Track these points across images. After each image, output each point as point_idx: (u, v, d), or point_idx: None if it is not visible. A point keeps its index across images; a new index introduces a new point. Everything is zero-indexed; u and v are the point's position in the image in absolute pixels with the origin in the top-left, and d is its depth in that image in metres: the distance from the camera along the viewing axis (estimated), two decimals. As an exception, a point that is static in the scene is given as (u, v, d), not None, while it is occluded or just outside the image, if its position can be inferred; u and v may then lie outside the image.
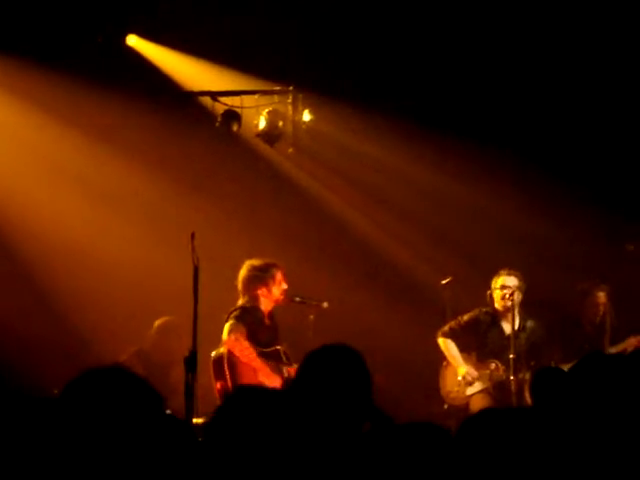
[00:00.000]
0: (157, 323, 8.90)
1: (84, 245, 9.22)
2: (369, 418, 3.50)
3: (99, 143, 9.27)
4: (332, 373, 3.49)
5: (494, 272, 8.47)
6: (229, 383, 7.24)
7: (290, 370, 7.37)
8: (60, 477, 2.49)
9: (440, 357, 8.48)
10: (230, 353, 7.31)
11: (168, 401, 7.70)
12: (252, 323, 7.45)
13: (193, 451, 2.93)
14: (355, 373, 3.52)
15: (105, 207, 9.35)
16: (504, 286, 8.28)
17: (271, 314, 7.69)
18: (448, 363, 8.47)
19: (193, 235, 6.49)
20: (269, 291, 7.59)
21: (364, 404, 3.48)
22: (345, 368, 3.52)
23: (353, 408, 3.42)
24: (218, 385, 7.32)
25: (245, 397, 2.88)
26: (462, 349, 8.44)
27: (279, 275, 7.62)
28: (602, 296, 8.81)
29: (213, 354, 7.40)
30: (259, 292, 7.57)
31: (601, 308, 8.81)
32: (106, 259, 9.24)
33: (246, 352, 7.31)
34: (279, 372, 7.45)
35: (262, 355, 7.42)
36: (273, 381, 7.33)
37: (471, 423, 2.85)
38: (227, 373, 7.28)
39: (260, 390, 2.95)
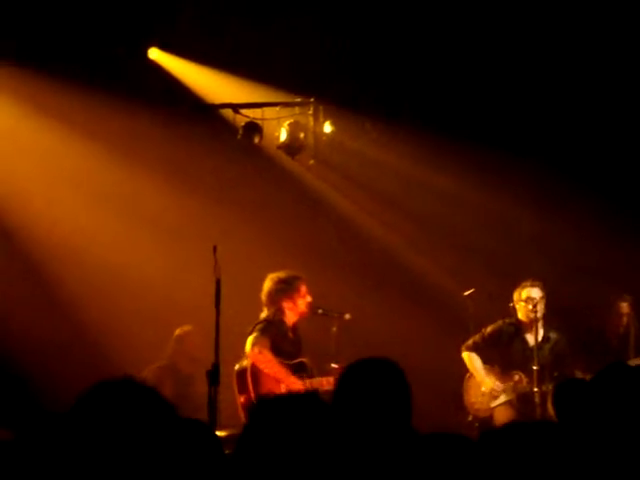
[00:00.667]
0: (176, 332, 8.98)
1: (110, 259, 9.25)
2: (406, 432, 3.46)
3: (122, 157, 9.30)
4: (373, 387, 3.47)
5: (518, 282, 8.43)
6: (252, 396, 7.23)
7: (313, 382, 7.35)
8: None
9: (464, 368, 8.45)
10: (254, 366, 7.31)
11: (195, 413, 7.76)
12: (276, 335, 7.44)
13: (215, 453, 2.92)
14: (396, 387, 3.49)
15: (129, 220, 9.38)
16: (529, 298, 8.22)
17: (295, 327, 7.69)
18: (472, 375, 8.44)
19: (215, 248, 6.49)
20: (294, 304, 7.60)
21: (404, 419, 3.45)
22: (386, 382, 3.49)
23: (393, 423, 3.39)
24: (242, 399, 7.31)
25: (274, 408, 2.86)
26: (485, 361, 8.41)
27: (304, 288, 7.63)
28: (625, 307, 8.76)
29: (236, 367, 7.40)
30: (284, 304, 7.58)
31: (625, 319, 8.77)
32: (130, 272, 9.27)
33: (270, 364, 7.30)
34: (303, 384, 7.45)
35: (286, 367, 7.41)
36: (299, 390, 7.32)
37: (492, 436, 2.84)
38: (250, 386, 7.27)
39: (288, 399, 2.93)
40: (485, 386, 8.31)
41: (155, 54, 9.33)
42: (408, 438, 3.33)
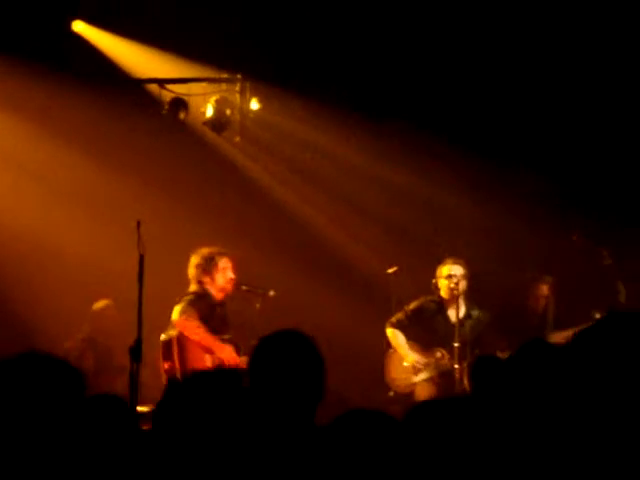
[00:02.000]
0: (93, 307, 8.98)
1: (29, 233, 9.14)
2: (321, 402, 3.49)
3: (44, 130, 9.18)
4: (285, 358, 3.49)
5: (440, 261, 8.53)
6: (177, 364, 7.24)
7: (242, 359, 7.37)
8: None
9: (386, 344, 8.53)
10: (180, 335, 7.31)
11: (113, 385, 7.74)
12: (204, 309, 7.44)
13: (135, 433, 2.92)
14: (308, 358, 3.52)
15: (51, 195, 9.27)
16: (450, 275, 8.34)
17: (222, 303, 7.69)
18: (394, 350, 8.52)
19: (139, 223, 6.46)
20: (212, 279, 7.60)
21: (318, 389, 3.47)
22: (298, 353, 3.51)
23: (306, 393, 3.42)
24: (166, 365, 7.31)
25: (188, 384, 2.87)
26: (409, 337, 8.50)
27: (223, 263, 7.62)
28: (545, 288, 8.93)
29: (162, 337, 7.39)
30: (204, 280, 7.58)
31: (542, 300, 8.94)
32: (51, 247, 9.18)
33: (197, 330, 7.31)
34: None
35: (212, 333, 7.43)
36: (228, 353, 7.34)
37: (413, 413, 2.88)
38: (176, 355, 7.27)
39: (208, 374, 2.94)
40: (408, 361, 8.40)
41: (80, 27, 9.20)
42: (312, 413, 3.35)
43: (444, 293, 8.43)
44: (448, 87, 9.24)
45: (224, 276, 7.61)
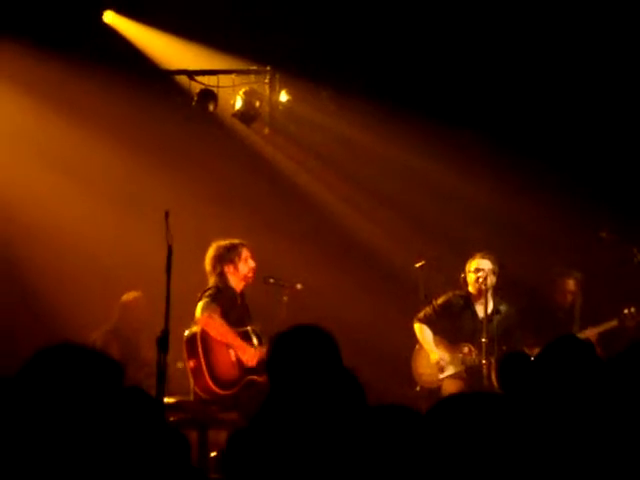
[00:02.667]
0: (123, 299, 8.96)
1: (57, 223, 9.17)
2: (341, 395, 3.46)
3: (75, 121, 9.20)
4: (303, 353, 3.47)
5: (469, 255, 8.48)
6: (202, 361, 7.23)
7: (262, 350, 7.36)
8: (19, 459, 2.46)
9: (413, 339, 8.50)
10: (203, 331, 7.30)
11: (142, 379, 7.75)
12: (226, 303, 7.43)
13: (161, 426, 2.92)
14: (326, 353, 3.50)
15: (80, 185, 9.30)
16: (478, 269, 8.29)
17: (242, 294, 7.68)
18: (421, 346, 8.49)
19: (167, 214, 6.45)
20: (236, 268, 7.58)
21: (335, 384, 3.46)
22: (316, 348, 3.49)
23: (324, 388, 3.40)
24: (191, 364, 7.30)
25: None
26: (436, 332, 8.46)
27: (245, 252, 7.62)
28: (571, 284, 8.86)
29: (186, 333, 7.38)
30: (226, 270, 7.56)
31: (569, 296, 8.87)
32: (80, 238, 9.21)
33: (221, 329, 7.30)
34: (252, 350, 7.47)
35: (235, 333, 7.42)
36: (249, 355, 7.33)
37: (440, 407, 2.86)
38: (200, 351, 7.26)
39: None
40: (433, 358, 8.36)
41: (110, 17, 9.22)
42: (345, 405, 3.33)
43: (472, 288, 8.38)
44: (478, 78, 9.18)
45: (247, 265, 7.60)
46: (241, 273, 7.58)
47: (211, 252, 7.61)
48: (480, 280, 8.20)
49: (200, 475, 2.95)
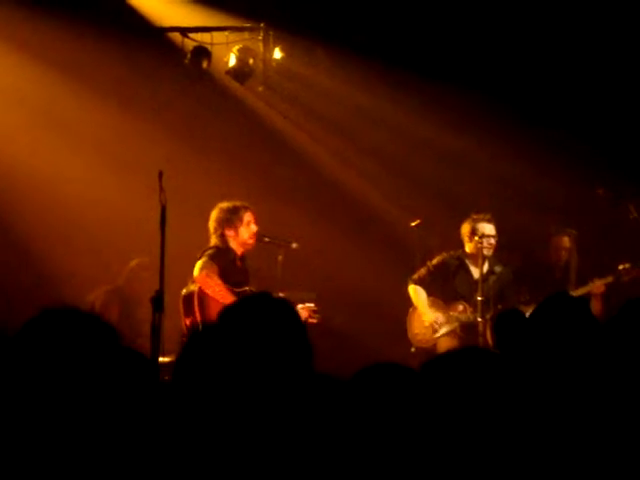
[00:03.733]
0: (133, 262, 8.97)
1: (52, 184, 9.11)
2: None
3: (66, 79, 9.12)
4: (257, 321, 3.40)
5: (464, 214, 8.44)
6: (198, 319, 7.24)
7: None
8: (16, 420, 2.47)
9: (408, 300, 8.49)
10: (200, 290, 7.30)
11: (138, 339, 7.76)
12: (225, 263, 7.42)
13: (154, 386, 2.92)
14: (283, 323, 3.42)
15: (72, 144, 9.23)
16: (485, 235, 8.17)
17: (243, 256, 7.66)
18: (416, 307, 8.48)
19: (161, 174, 6.41)
20: (237, 233, 7.55)
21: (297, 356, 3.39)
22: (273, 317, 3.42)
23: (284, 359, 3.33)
24: (187, 321, 7.31)
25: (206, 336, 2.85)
26: (430, 293, 8.44)
27: (247, 217, 7.57)
28: (566, 241, 8.84)
29: (183, 291, 7.38)
30: (227, 233, 7.53)
31: (564, 253, 8.86)
32: (73, 198, 9.16)
33: (217, 288, 7.28)
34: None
35: (233, 293, 7.41)
36: None
37: (434, 364, 2.85)
38: (197, 309, 7.27)
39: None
40: (426, 319, 8.35)
41: (102, -26, 9.12)
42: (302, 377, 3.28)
43: (472, 249, 8.30)
44: (475, 36, 9.11)
45: (248, 230, 7.56)
46: (241, 237, 7.55)
47: (214, 214, 7.57)
48: (487, 245, 8.12)
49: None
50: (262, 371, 2.86)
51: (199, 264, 7.31)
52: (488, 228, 8.18)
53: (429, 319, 8.32)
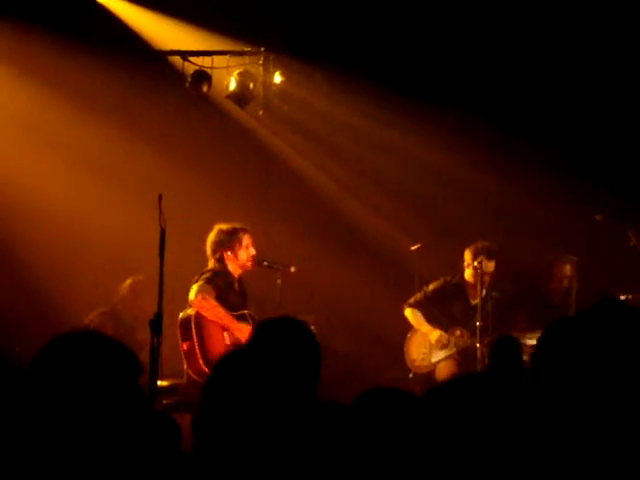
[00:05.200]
0: (128, 282, 8.95)
1: (54, 205, 9.13)
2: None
3: (67, 102, 9.15)
4: (280, 345, 3.42)
5: (464, 239, 8.44)
6: (196, 344, 7.21)
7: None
8: (36, 451, 2.43)
9: (406, 325, 8.48)
10: (197, 314, 7.28)
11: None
12: (222, 286, 7.40)
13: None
14: (303, 348, 3.43)
15: (72, 166, 9.25)
16: (486, 273, 8.18)
17: (241, 279, 7.65)
18: (413, 332, 8.46)
19: (160, 197, 6.41)
20: (235, 255, 7.54)
21: (309, 382, 3.40)
22: (294, 342, 3.44)
23: (297, 384, 3.34)
24: (185, 346, 7.28)
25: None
26: (427, 318, 8.43)
27: (246, 239, 7.57)
28: (567, 269, 8.80)
29: (181, 315, 7.37)
30: (225, 255, 7.52)
31: (565, 281, 8.82)
32: (73, 220, 9.16)
33: (214, 310, 7.27)
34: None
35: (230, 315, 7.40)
36: (246, 333, 7.29)
37: (437, 390, 2.85)
38: (194, 334, 7.25)
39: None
40: (432, 336, 8.34)
41: (104, -2, 9.16)
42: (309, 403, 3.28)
43: (470, 278, 8.31)
44: (473, 60, 9.14)
45: (247, 252, 7.55)
46: (240, 260, 7.54)
47: (212, 236, 7.56)
48: (486, 278, 8.11)
49: (190, 460, 2.93)
50: (282, 393, 2.86)
51: (195, 287, 7.29)
52: (490, 266, 8.17)
53: (435, 336, 8.31)
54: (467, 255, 8.31)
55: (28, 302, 8.95)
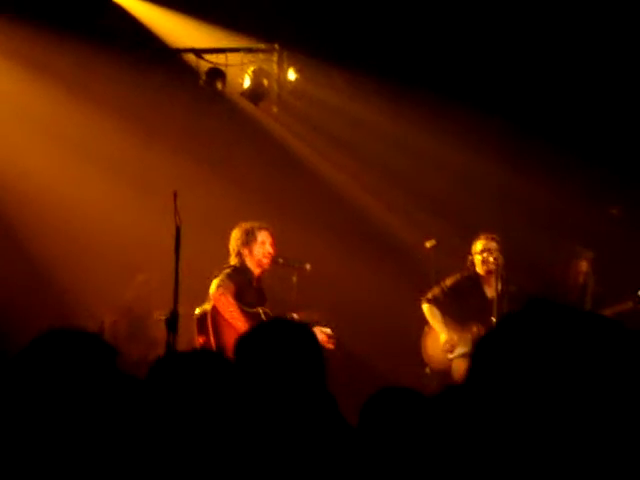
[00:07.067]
0: (140, 278, 8.98)
1: (67, 203, 9.16)
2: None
3: (83, 100, 9.18)
4: (277, 347, 3.38)
5: (477, 234, 8.43)
6: (212, 339, 7.23)
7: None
8: (13, 440, 2.47)
9: (423, 320, 8.46)
10: (214, 309, 7.29)
11: (149, 355, 7.76)
12: (241, 283, 7.42)
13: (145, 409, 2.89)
14: (304, 350, 3.40)
15: (87, 165, 9.27)
16: (484, 249, 8.21)
17: (259, 277, 7.65)
18: (431, 327, 8.45)
19: (175, 194, 6.41)
20: (250, 251, 7.55)
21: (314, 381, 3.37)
22: (294, 344, 3.40)
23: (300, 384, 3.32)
24: (200, 340, 7.30)
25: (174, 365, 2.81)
26: (444, 313, 8.41)
27: (262, 236, 7.57)
28: (584, 265, 8.75)
29: (197, 311, 7.38)
30: (243, 252, 7.55)
31: (581, 277, 8.78)
32: (88, 217, 9.19)
33: (230, 308, 7.26)
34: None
35: (245, 314, 7.40)
36: None
37: (450, 391, 2.84)
38: (210, 329, 7.26)
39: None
40: (442, 337, 8.33)
41: (118, -4, 9.18)
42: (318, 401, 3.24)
43: (479, 269, 8.31)
44: (489, 57, 9.11)
45: (262, 250, 7.55)
46: (256, 256, 7.55)
47: (234, 233, 7.62)
48: (490, 260, 8.13)
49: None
50: (281, 393, 2.85)
51: (216, 282, 7.31)
52: (488, 244, 8.19)
53: (445, 337, 8.30)
54: (473, 247, 8.33)
55: (42, 299, 8.98)
